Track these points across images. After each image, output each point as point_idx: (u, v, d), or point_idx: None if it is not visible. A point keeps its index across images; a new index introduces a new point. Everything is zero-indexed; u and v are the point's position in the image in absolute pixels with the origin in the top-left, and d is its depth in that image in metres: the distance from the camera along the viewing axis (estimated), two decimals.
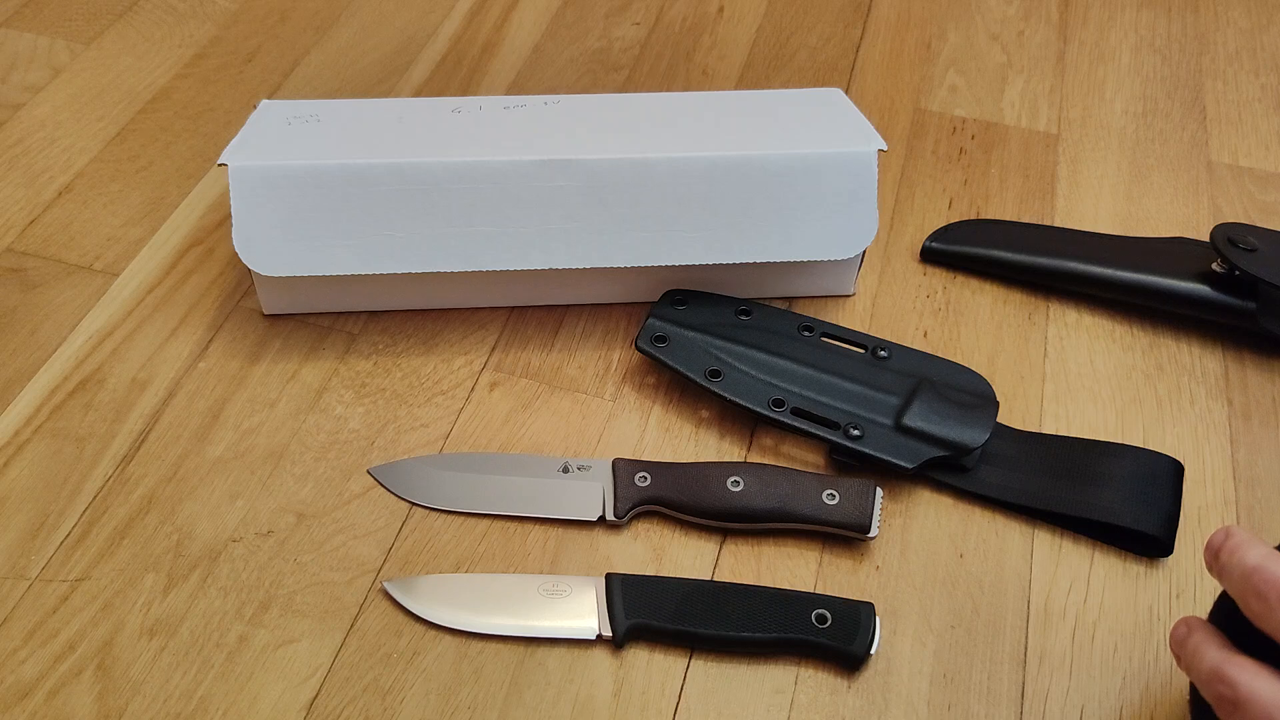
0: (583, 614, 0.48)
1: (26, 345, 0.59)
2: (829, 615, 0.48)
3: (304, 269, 0.56)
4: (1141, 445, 0.56)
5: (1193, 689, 0.42)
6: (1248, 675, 0.35)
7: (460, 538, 0.52)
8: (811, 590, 0.50)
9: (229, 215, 0.62)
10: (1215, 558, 0.38)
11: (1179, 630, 0.40)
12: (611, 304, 0.62)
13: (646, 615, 0.48)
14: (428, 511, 0.53)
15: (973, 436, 0.53)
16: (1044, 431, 0.57)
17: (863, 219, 0.58)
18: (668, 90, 0.76)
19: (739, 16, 0.83)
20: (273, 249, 0.55)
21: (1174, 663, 0.48)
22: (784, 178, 0.57)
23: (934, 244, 0.65)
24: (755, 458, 0.56)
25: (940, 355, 0.59)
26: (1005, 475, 0.54)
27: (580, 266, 0.57)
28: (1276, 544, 0.39)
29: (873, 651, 0.48)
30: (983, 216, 0.69)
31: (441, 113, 0.61)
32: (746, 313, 0.59)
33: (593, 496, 0.52)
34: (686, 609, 0.48)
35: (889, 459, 0.53)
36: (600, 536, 0.52)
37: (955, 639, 0.49)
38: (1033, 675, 0.48)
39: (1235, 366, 0.61)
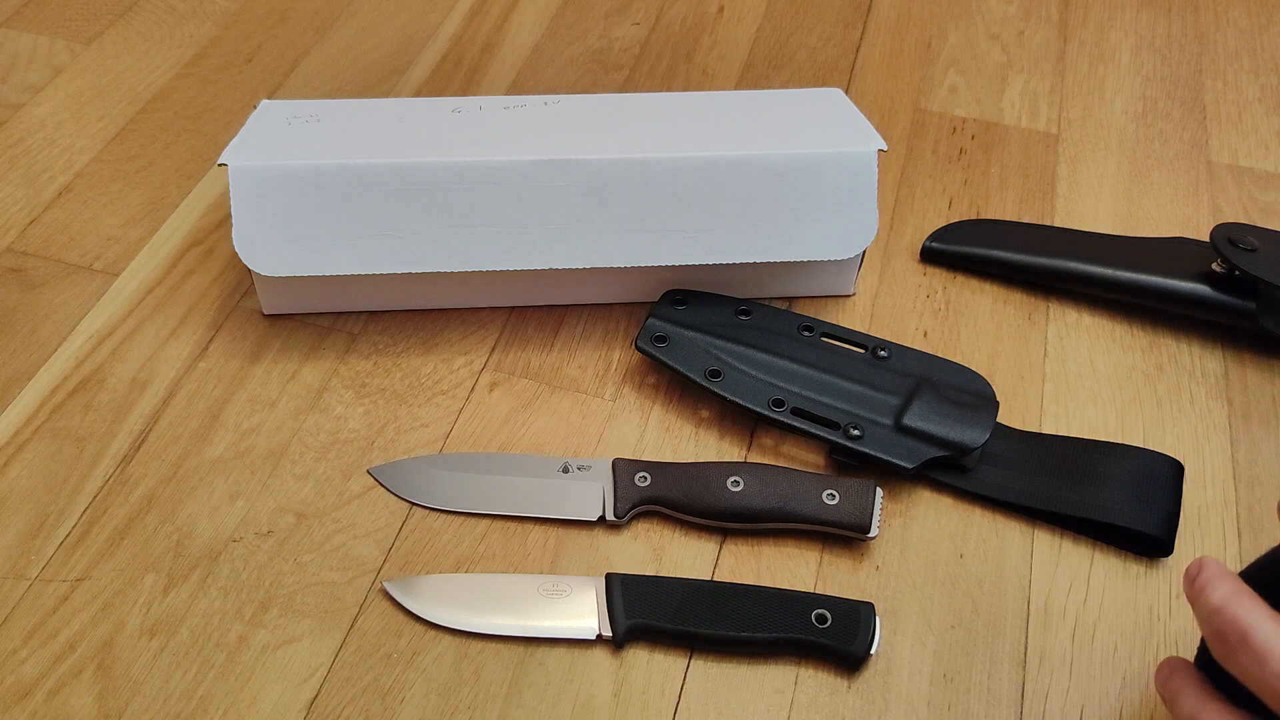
0: (583, 614, 0.48)
1: (26, 345, 0.59)
2: (829, 615, 0.48)
3: (304, 269, 0.56)
4: (1141, 445, 0.56)
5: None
6: None
7: (460, 538, 0.52)
8: (811, 590, 0.50)
9: (229, 215, 0.62)
10: (1189, 589, 0.38)
11: (1161, 672, 0.40)
12: (611, 304, 0.62)
13: (646, 615, 0.48)
14: (428, 511, 0.53)
15: (973, 436, 0.53)
16: (1044, 431, 0.57)
17: (863, 219, 0.58)
18: (668, 90, 0.76)
19: (739, 16, 0.83)
20: (273, 249, 0.55)
21: None
22: (784, 178, 0.57)
23: (934, 244, 0.65)
24: (755, 458, 0.56)
25: (940, 355, 0.59)
26: (1005, 475, 0.54)
27: (580, 266, 0.57)
28: (1276, 545, 0.39)
29: (873, 651, 0.48)
30: (983, 216, 0.69)
31: (441, 113, 0.61)
32: (746, 313, 0.59)
33: (593, 496, 0.52)
34: (686, 609, 0.48)
35: (889, 459, 0.53)
36: (600, 536, 0.52)
37: (955, 639, 0.49)
38: (1033, 675, 0.48)
39: (1235, 366, 0.61)
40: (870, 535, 0.51)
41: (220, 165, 0.55)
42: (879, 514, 0.51)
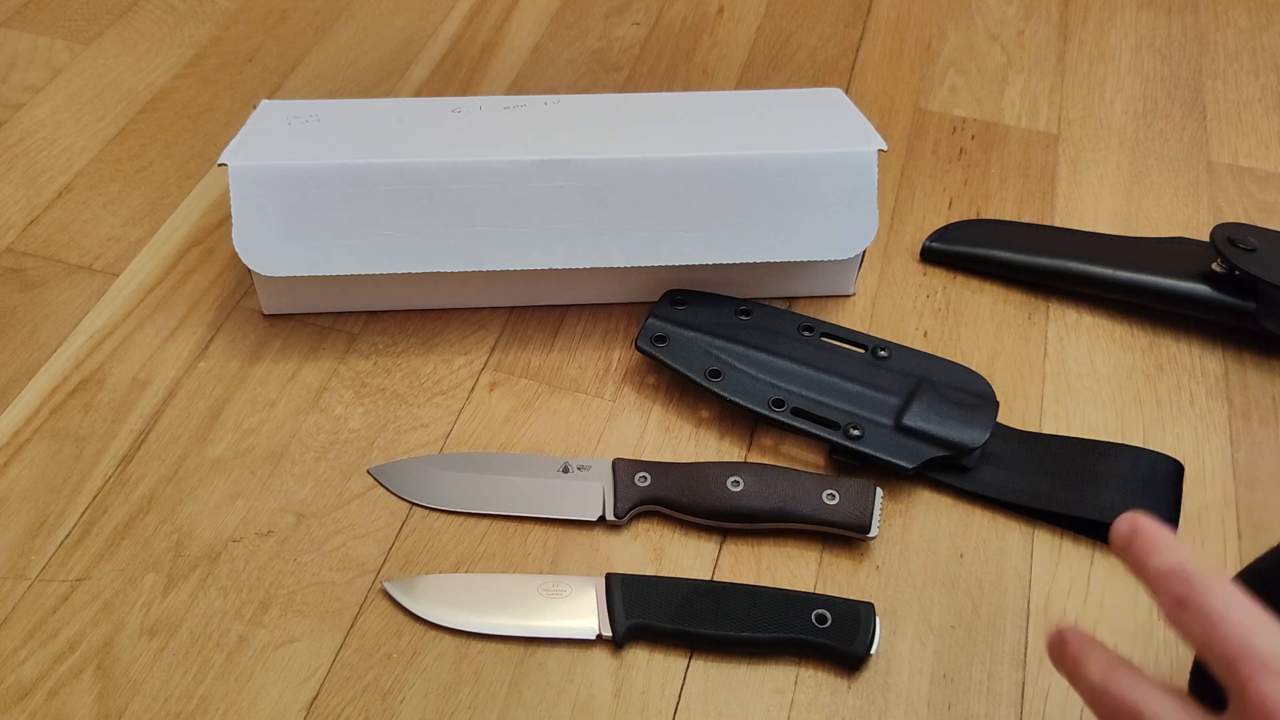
0: (583, 614, 0.48)
1: (26, 345, 0.59)
2: (829, 615, 0.48)
3: (304, 269, 0.56)
4: (1141, 445, 0.56)
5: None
6: None
7: (460, 538, 0.52)
8: (811, 590, 0.50)
9: (229, 215, 0.62)
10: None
11: (1054, 643, 0.38)
12: (611, 304, 0.62)
13: (646, 615, 0.48)
14: (428, 511, 0.53)
15: (973, 436, 0.53)
16: (1044, 431, 0.57)
17: (863, 219, 0.58)
18: (668, 90, 0.76)
19: (739, 16, 0.83)
20: (273, 249, 0.55)
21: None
22: (784, 178, 0.57)
23: (934, 244, 0.65)
24: (755, 458, 0.56)
25: (940, 355, 0.59)
26: (1005, 475, 0.54)
27: (580, 266, 0.57)
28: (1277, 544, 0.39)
29: (873, 651, 0.48)
30: (983, 216, 0.69)
31: (441, 113, 0.61)
32: (746, 313, 0.59)
33: (593, 496, 0.52)
34: (686, 609, 0.48)
35: (889, 459, 0.53)
36: (600, 536, 0.52)
37: (955, 639, 0.49)
38: (1033, 675, 0.48)
39: (1235, 366, 0.61)
40: (870, 535, 0.51)
41: (220, 165, 0.55)
42: (879, 514, 0.51)
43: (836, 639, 0.47)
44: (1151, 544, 0.33)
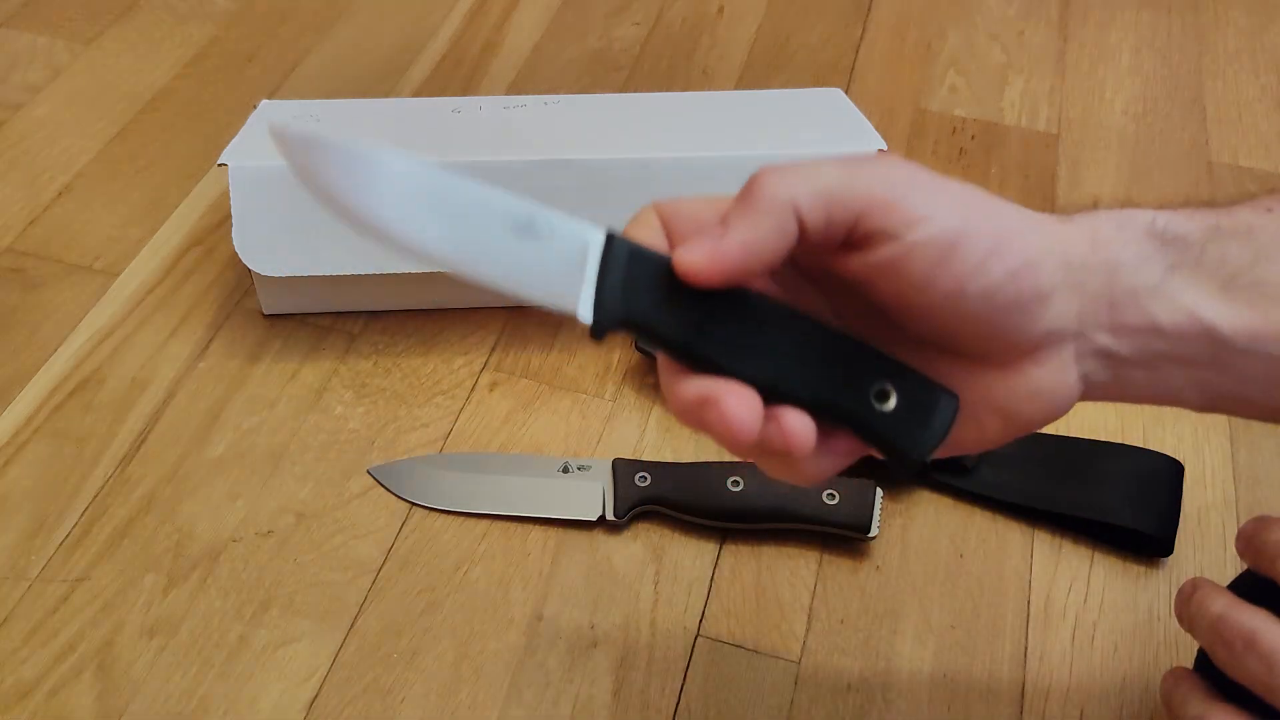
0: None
1: (26, 345, 0.59)
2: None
3: (304, 269, 0.56)
4: (1141, 445, 0.56)
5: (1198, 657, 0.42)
6: None
7: (460, 538, 0.52)
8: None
9: (229, 215, 0.62)
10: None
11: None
12: None
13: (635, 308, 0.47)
14: (428, 511, 0.53)
15: None
16: (1044, 431, 0.57)
17: None
18: (668, 90, 0.76)
19: (739, 16, 0.83)
20: (273, 249, 0.55)
21: (1173, 663, 0.48)
22: None
23: None
24: None
25: None
26: (1005, 475, 0.54)
27: None
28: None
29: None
30: None
31: (441, 113, 0.61)
32: None
33: (593, 496, 0.52)
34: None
35: None
36: (600, 536, 0.52)
37: (955, 639, 0.49)
38: (1033, 675, 0.48)
39: None
40: (870, 535, 0.51)
41: (220, 165, 0.55)
42: (879, 514, 0.51)
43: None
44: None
